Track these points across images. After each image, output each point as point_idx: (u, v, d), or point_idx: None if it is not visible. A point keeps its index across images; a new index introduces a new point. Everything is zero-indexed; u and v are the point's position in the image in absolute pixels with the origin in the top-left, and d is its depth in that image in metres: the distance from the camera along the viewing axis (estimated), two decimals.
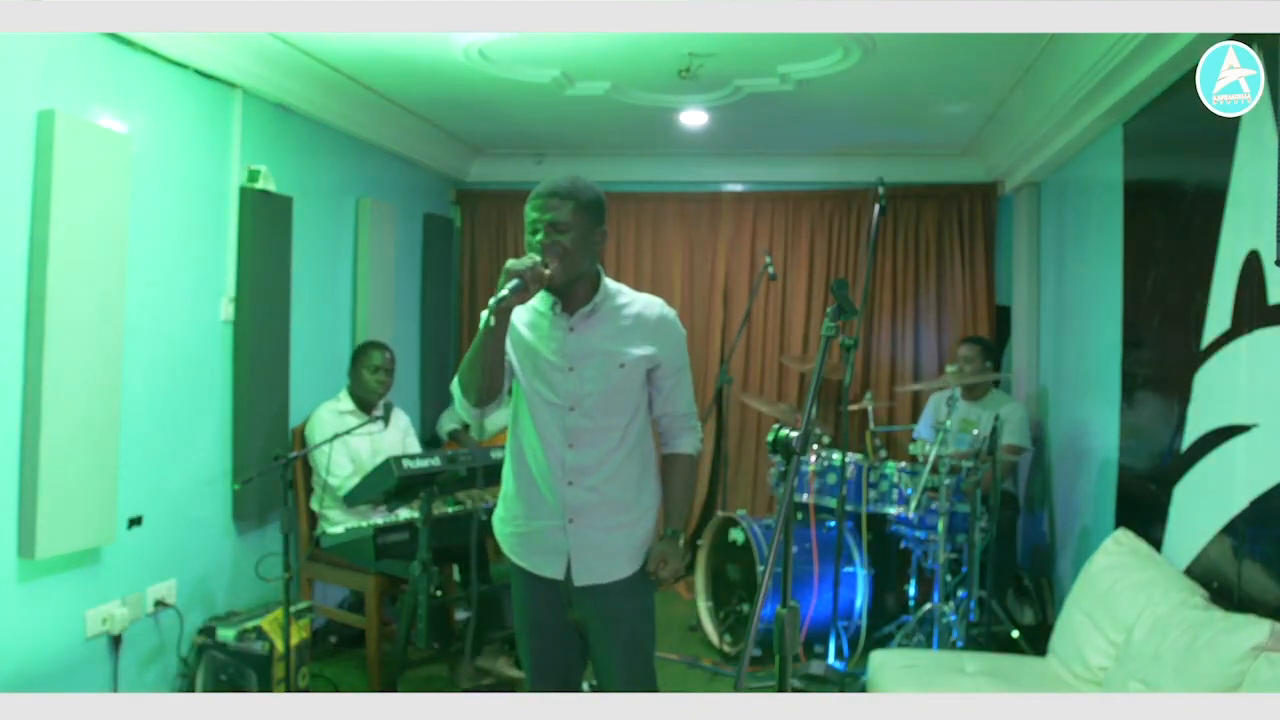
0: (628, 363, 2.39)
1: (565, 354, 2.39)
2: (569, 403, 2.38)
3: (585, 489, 2.39)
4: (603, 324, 2.41)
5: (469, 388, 2.34)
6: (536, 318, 2.44)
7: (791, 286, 5.87)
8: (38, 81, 2.89)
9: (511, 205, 6.12)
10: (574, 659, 2.54)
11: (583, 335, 2.39)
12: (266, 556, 3.83)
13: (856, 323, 4.55)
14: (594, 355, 2.39)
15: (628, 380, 2.40)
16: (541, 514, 2.42)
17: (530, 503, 2.44)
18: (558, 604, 2.46)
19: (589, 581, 2.41)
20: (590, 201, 2.36)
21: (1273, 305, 2.62)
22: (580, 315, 2.40)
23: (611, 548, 2.42)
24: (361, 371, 4.22)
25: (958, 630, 4.05)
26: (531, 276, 2.21)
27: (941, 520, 4.06)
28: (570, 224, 2.31)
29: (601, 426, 2.39)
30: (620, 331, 2.42)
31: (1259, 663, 2.30)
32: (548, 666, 2.51)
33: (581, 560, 2.40)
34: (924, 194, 5.76)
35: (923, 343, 5.81)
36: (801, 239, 5.89)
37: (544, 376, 2.40)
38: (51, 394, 2.88)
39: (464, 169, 6.08)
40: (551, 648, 2.50)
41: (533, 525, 2.44)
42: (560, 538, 2.41)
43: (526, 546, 2.46)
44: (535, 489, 2.43)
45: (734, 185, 6.04)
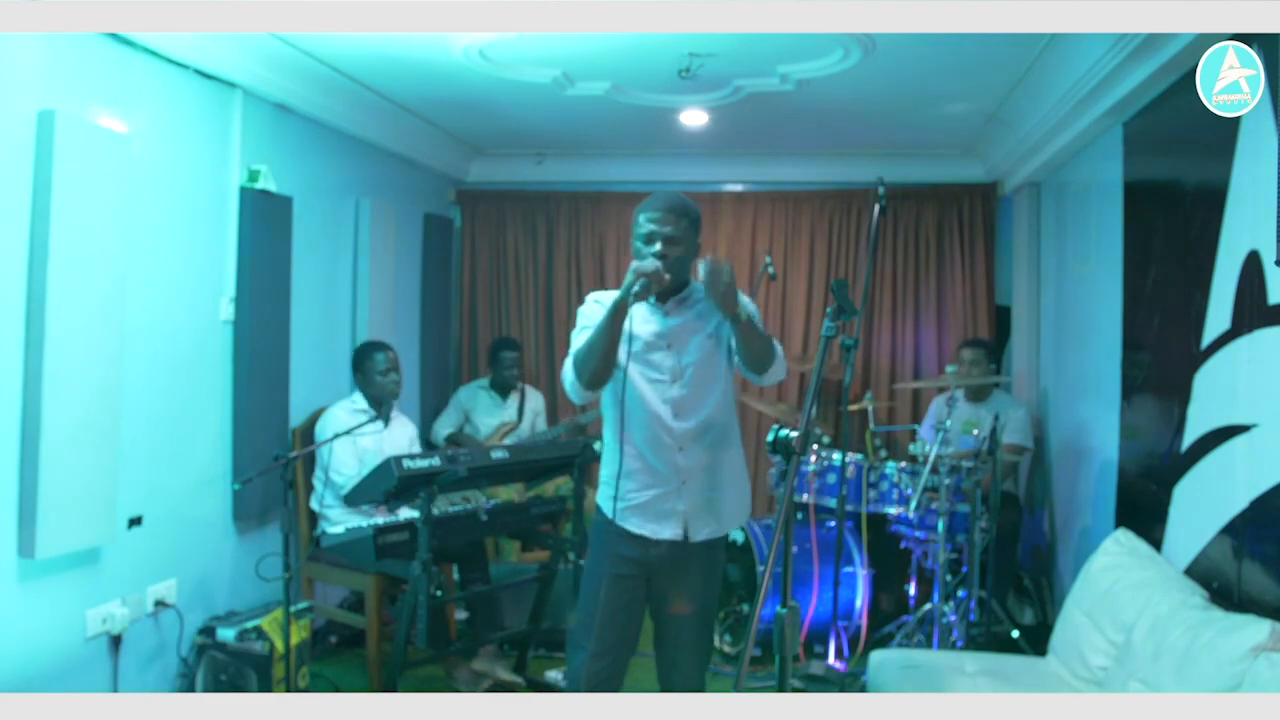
0: (714, 332, 2.73)
1: (664, 334, 2.72)
2: (671, 376, 2.70)
3: (696, 452, 2.70)
4: (691, 308, 2.76)
5: (586, 371, 2.63)
6: (632, 309, 2.69)
7: (791, 286, 5.87)
8: (38, 81, 2.89)
9: (512, 205, 6.12)
10: (636, 635, 2.80)
11: (676, 317, 2.74)
12: (266, 556, 3.83)
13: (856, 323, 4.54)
14: (688, 332, 2.73)
15: (716, 348, 2.74)
16: (657, 483, 2.71)
17: (645, 474, 2.71)
18: (641, 578, 2.74)
19: (704, 537, 2.72)
20: (697, 219, 2.77)
21: (1273, 305, 2.62)
22: (674, 301, 2.75)
23: (723, 503, 2.75)
24: (373, 376, 4.21)
25: (958, 630, 4.05)
26: (656, 279, 2.56)
27: (941, 520, 4.06)
28: (681, 238, 2.70)
29: (700, 395, 2.71)
30: (705, 312, 2.74)
31: (1259, 663, 2.30)
32: (616, 641, 2.74)
33: (697, 518, 2.71)
34: (924, 194, 5.76)
35: (923, 343, 5.80)
36: (801, 239, 5.89)
37: (645, 357, 2.71)
38: (51, 394, 2.88)
39: (464, 169, 6.08)
40: (627, 622, 2.75)
41: (649, 494, 2.71)
42: (676, 500, 2.70)
43: (645, 514, 2.72)
44: (645, 461, 2.71)
45: (734, 185, 6.04)
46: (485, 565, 4.25)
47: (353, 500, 3.73)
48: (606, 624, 2.72)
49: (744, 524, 2.81)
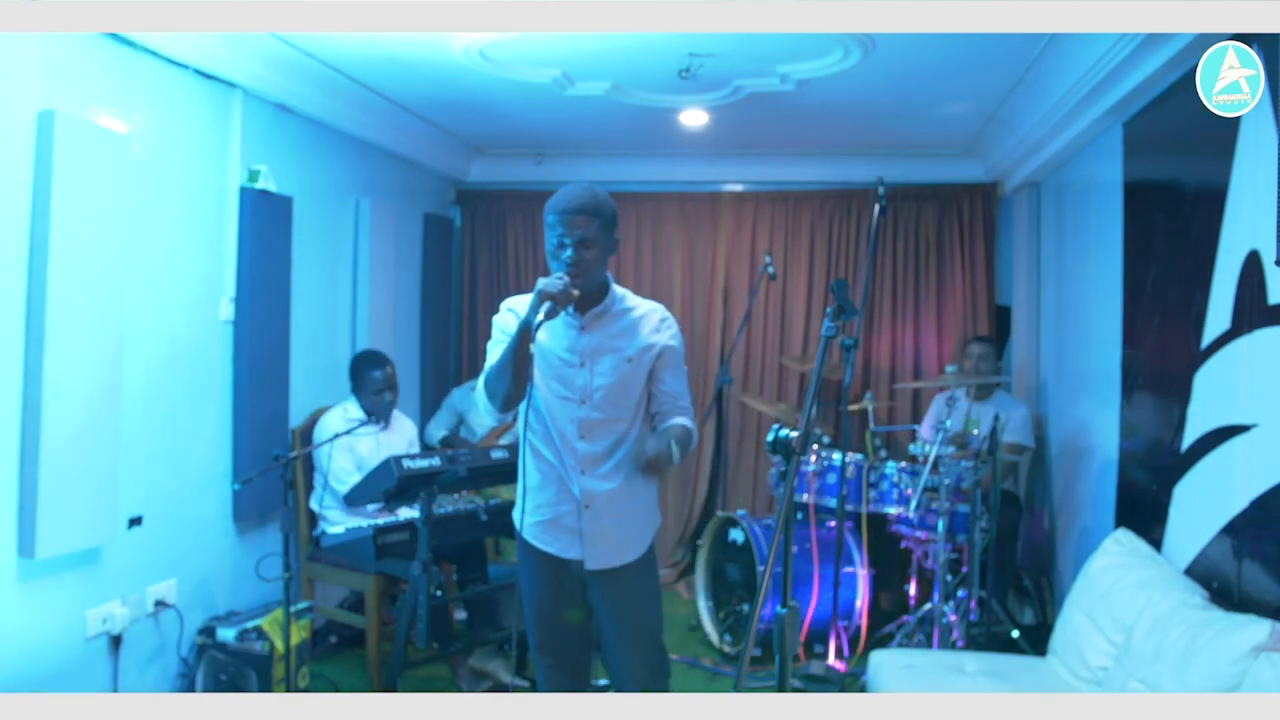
0: (634, 356, 2.57)
1: (577, 351, 2.56)
2: (581, 396, 2.55)
3: (598, 477, 2.56)
4: (610, 324, 2.59)
5: (497, 395, 2.50)
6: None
7: (791, 286, 5.87)
8: (38, 81, 2.89)
9: (512, 205, 6.12)
10: (585, 645, 2.72)
11: (593, 333, 2.57)
12: (266, 556, 3.83)
13: (856, 322, 4.55)
14: (603, 351, 2.56)
15: (634, 374, 2.57)
16: (564, 499, 2.59)
17: (550, 492, 2.60)
18: (574, 590, 2.64)
19: (600, 566, 2.58)
20: (611, 215, 2.52)
21: (1273, 305, 2.62)
22: (591, 315, 2.57)
23: (621, 533, 2.60)
24: (368, 393, 4.18)
25: (958, 630, 4.05)
26: (564, 299, 2.39)
27: (942, 520, 4.06)
28: (595, 239, 2.47)
29: (611, 419, 2.57)
30: (626, 330, 2.59)
31: (1259, 663, 2.30)
32: (564, 654, 2.67)
33: (594, 545, 2.57)
34: (924, 194, 5.76)
35: (923, 343, 5.80)
36: (801, 239, 5.89)
37: (557, 373, 2.57)
38: (51, 394, 2.88)
39: (464, 169, 6.08)
40: (566, 635, 2.67)
41: (557, 511, 2.60)
42: (576, 522, 2.57)
43: (549, 532, 2.61)
44: (553, 479, 2.59)
45: (734, 185, 6.03)
46: (484, 565, 4.24)
47: (353, 500, 3.73)
48: (553, 673, 2.70)
49: (639, 555, 2.63)
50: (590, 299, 2.56)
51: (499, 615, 4.22)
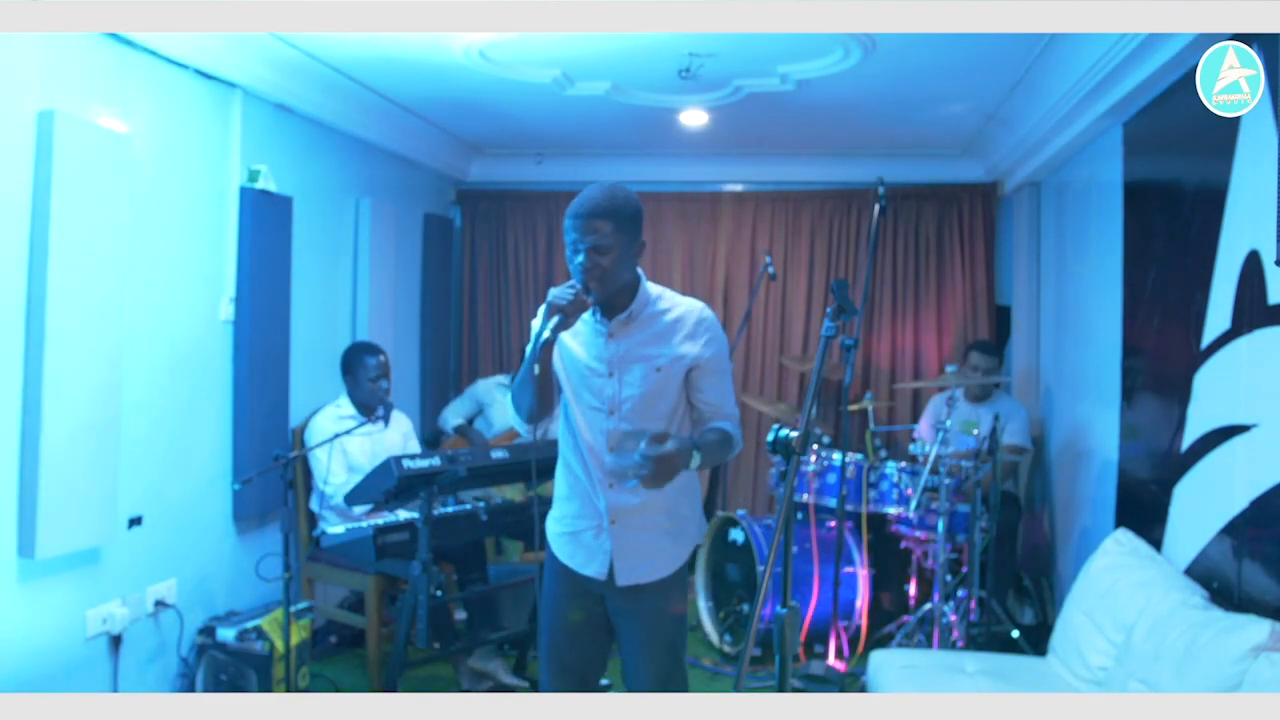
0: (664, 365, 2.41)
1: (605, 359, 2.43)
2: (609, 407, 2.43)
3: (626, 491, 2.40)
4: (640, 329, 2.44)
5: (521, 408, 2.42)
6: (578, 324, 2.45)
7: (791, 286, 5.87)
8: (38, 81, 2.89)
9: (512, 205, 6.12)
10: (596, 660, 2.60)
11: (621, 341, 2.43)
12: (266, 556, 3.83)
13: (856, 322, 4.55)
14: (632, 359, 2.42)
15: (665, 383, 2.42)
16: (587, 514, 2.48)
17: (577, 504, 2.51)
18: (592, 604, 2.53)
19: (631, 581, 2.46)
20: (630, 216, 2.37)
21: (1273, 305, 2.62)
22: (618, 322, 2.42)
23: (651, 548, 2.47)
24: (362, 381, 4.18)
25: (958, 630, 4.05)
26: (574, 310, 2.26)
27: (941, 520, 4.06)
28: (611, 245, 2.32)
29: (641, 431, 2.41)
30: (657, 335, 2.44)
31: (1259, 663, 2.30)
32: (570, 664, 2.56)
33: (623, 560, 2.45)
34: (924, 194, 5.76)
35: (923, 343, 5.80)
36: (801, 239, 5.89)
37: (586, 382, 2.45)
38: (52, 394, 2.88)
39: (464, 169, 6.08)
40: (576, 646, 2.56)
41: (579, 525, 2.50)
42: (604, 538, 2.46)
43: (573, 545, 2.52)
44: (581, 491, 2.49)
45: (734, 185, 6.03)
46: (484, 565, 4.24)
47: (353, 500, 3.72)
48: (558, 679, 2.55)
49: (670, 573, 2.49)
50: (617, 304, 2.41)
51: (499, 615, 4.21)
